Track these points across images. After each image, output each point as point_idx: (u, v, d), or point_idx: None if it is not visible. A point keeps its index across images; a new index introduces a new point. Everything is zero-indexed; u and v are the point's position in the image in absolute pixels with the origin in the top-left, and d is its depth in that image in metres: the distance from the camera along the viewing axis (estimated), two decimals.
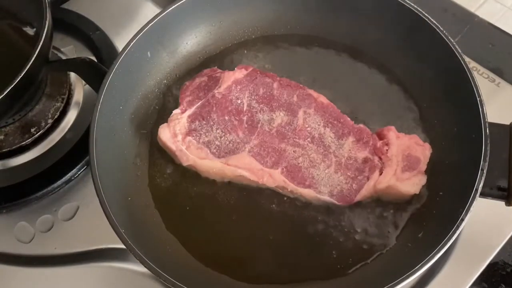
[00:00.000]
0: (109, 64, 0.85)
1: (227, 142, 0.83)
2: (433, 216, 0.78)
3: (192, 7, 0.92)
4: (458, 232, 0.68)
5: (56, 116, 0.97)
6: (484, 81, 0.99)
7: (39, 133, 0.95)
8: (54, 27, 0.86)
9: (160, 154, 0.88)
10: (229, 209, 0.83)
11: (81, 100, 1.00)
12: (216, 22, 0.98)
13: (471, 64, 1.00)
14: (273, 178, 0.81)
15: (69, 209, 0.91)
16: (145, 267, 0.69)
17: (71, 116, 0.98)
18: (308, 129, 0.84)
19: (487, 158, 0.72)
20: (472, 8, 1.11)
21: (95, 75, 0.92)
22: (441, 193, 0.79)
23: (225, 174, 0.83)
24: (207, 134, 0.84)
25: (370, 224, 0.80)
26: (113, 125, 0.85)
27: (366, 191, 0.80)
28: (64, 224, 0.89)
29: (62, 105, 0.98)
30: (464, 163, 0.77)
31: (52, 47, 0.90)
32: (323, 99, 0.87)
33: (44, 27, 0.81)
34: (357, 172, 0.81)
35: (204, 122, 0.84)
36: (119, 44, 1.06)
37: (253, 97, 0.87)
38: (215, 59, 0.98)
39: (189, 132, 0.84)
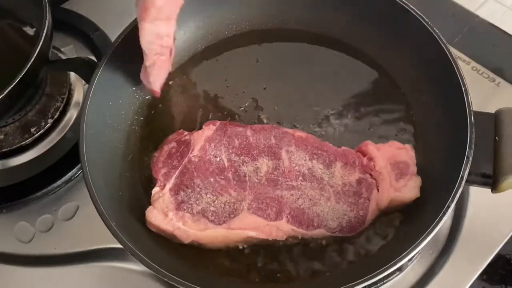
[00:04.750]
0: (102, 58, 0.85)
1: (223, 205, 0.78)
2: (420, 205, 0.78)
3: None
4: (444, 219, 0.69)
5: (56, 116, 0.97)
6: (484, 81, 0.99)
7: (39, 133, 0.95)
8: (54, 27, 0.86)
9: (151, 149, 0.88)
10: None
11: (81, 100, 1.00)
12: (205, 18, 0.98)
13: (471, 64, 1.01)
14: (281, 230, 0.77)
15: (69, 209, 0.91)
16: (143, 264, 0.69)
17: (71, 116, 0.98)
18: (296, 167, 0.81)
19: (473, 146, 0.72)
20: (472, 8, 1.11)
21: None
22: (427, 183, 0.80)
23: (232, 239, 0.78)
24: (198, 202, 0.78)
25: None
26: (103, 120, 0.84)
27: (372, 215, 0.79)
28: (64, 224, 0.89)
29: (62, 105, 0.98)
30: (450, 152, 0.77)
31: (52, 47, 0.90)
32: (299, 133, 0.85)
33: (44, 27, 0.81)
34: (356, 196, 0.79)
35: (190, 191, 0.79)
36: None
37: (230, 151, 0.82)
38: (208, 53, 0.99)
39: (178, 207, 0.78)
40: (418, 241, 0.68)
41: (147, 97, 0.93)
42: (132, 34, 0.85)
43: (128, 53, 0.87)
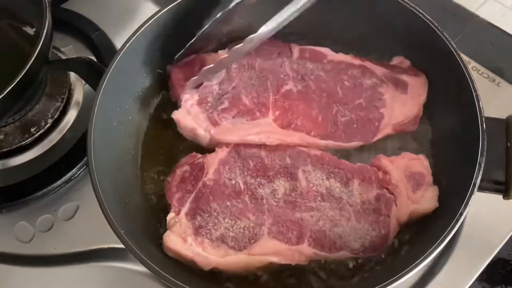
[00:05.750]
0: (109, 63, 0.85)
1: (242, 230, 0.76)
2: (432, 213, 0.78)
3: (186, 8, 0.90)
4: (457, 226, 0.68)
5: (56, 116, 0.97)
6: (484, 81, 0.99)
7: (39, 133, 0.95)
8: (54, 27, 0.86)
9: (157, 153, 0.88)
10: None
11: (81, 100, 1.00)
12: (213, 23, 0.97)
13: (471, 64, 1.01)
14: (303, 254, 0.76)
15: (69, 209, 0.91)
16: (145, 266, 0.69)
17: (71, 116, 0.98)
18: (314, 188, 0.79)
19: (485, 153, 0.72)
20: (472, 8, 1.11)
21: (95, 75, 0.92)
22: (439, 191, 0.80)
23: (253, 265, 0.75)
24: (216, 227, 0.76)
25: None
26: (111, 126, 0.84)
27: (393, 232, 0.78)
28: (64, 224, 0.90)
29: (62, 105, 0.98)
30: (461, 158, 0.77)
31: (52, 47, 0.90)
32: (315, 151, 0.83)
33: (44, 27, 0.81)
34: (376, 214, 0.78)
35: (207, 215, 0.77)
36: (119, 44, 1.05)
37: (246, 173, 0.80)
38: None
39: (196, 232, 0.76)
40: (432, 247, 0.67)
41: (155, 103, 0.93)
42: (138, 39, 0.85)
43: (134, 59, 0.88)
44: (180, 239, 0.75)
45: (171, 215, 0.78)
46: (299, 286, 0.78)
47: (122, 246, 0.80)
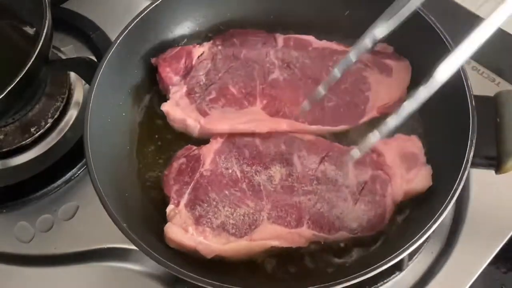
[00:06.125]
0: (101, 60, 0.85)
1: (242, 217, 0.77)
2: (427, 192, 0.79)
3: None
4: (452, 202, 0.69)
5: (56, 116, 0.97)
6: (484, 81, 0.99)
7: (39, 133, 0.95)
8: (54, 26, 0.86)
9: (153, 147, 0.88)
10: None
11: (81, 99, 1.00)
12: (200, 16, 0.97)
13: (471, 63, 1.00)
14: (303, 236, 0.76)
15: (69, 209, 0.91)
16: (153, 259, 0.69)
17: (71, 115, 0.98)
18: (310, 172, 0.81)
19: (475, 129, 0.73)
20: (472, 8, 1.11)
21: None
22: (434, 169, 0.80)
23: (255, 251, 0.77)
24: (216, 216, 0.77)
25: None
26: (105, 122, 0.84)
27: (390, 211, 0.79)
28: (64, 224, 0.90)
29: (62, 104, 0.98)
30: (452, 137, 0.78)
31: (52, 47, 0.90)
32: (309, 136, 0.85)
33: (44, 27, 0.81)
34: (372, 194, 0.79)
35: (206, 205, 0.78)
36: None
37: (242, 161, 0.82)
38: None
39: (197, 221, 0.77)
40: (429, 224, 0.68)
41: (148, 98, 0.93)
42: (131, 33, 0.86)
43: (127, 54, 0.88)
44: (182, 229, 0.76)
45: (170, 207, 0.79)
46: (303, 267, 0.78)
47: (122, 246, 0.80)
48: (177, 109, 0.86)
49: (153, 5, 0.89)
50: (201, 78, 0.89)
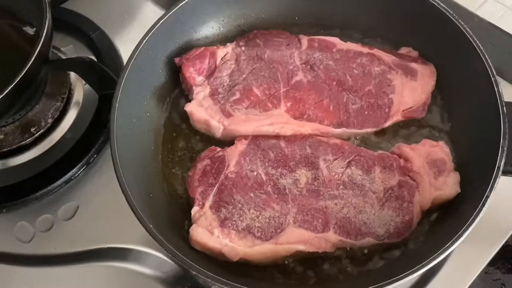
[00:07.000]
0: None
1: (267, 220, 0.77)
2: (455, 200, 0.78)
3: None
4: (484, 210, 0.69)
5: (56, 116, 0.97)
6: None
7: (39, 133, 0.95)
8: (54, 26, 0.86)
9: (176, 148, 0.88)
10: None
11: (81, 99, 1.00)
12: (225, 17, 0.98)
13: None
14: (330, 242, 0.76)
15: (69, 209, 0.91)
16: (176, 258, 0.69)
17: (71, 115, 0.98)
18: (336, 176, 0.80)
19: (507, 136, 0.72)
20: (472, 8, 1.11)
21: (95, 74, 0.92)
22: (462, 175, 0.80)
23: (280, 255, 0.76)
24: (241, 218, 0.77)
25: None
26: (131, 122, 0.84)
27: (417, 218, 0.78)
28: (64, 224, 0.89)
29: (62, 104, 0.98)
30: (481, 143, 0.77)
31: (52, 47, 0.90)
32: (334, 140, 0.84)
33: (44, 27, 0.81)
34: (399, 200, 0.78)
35: (232, 207, 0.77)
36: (119, 44, 1.06)
37: (267, 164, 0.81)
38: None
39: (222, 224, 0.76)
40: (460, 232, 0.68)
41: (171, 98, 0.93)
42: (157, 32, 0.86)
43: (152, 53, 0.88)
44: (207, 231, 0.75)
45: (195, 209, 0.78)
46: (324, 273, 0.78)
47: (122, 246, 0.80)
48: (201, 109, 0.86)
49: (182, 3, 0.89)
50: (225, 79, 0.89)
